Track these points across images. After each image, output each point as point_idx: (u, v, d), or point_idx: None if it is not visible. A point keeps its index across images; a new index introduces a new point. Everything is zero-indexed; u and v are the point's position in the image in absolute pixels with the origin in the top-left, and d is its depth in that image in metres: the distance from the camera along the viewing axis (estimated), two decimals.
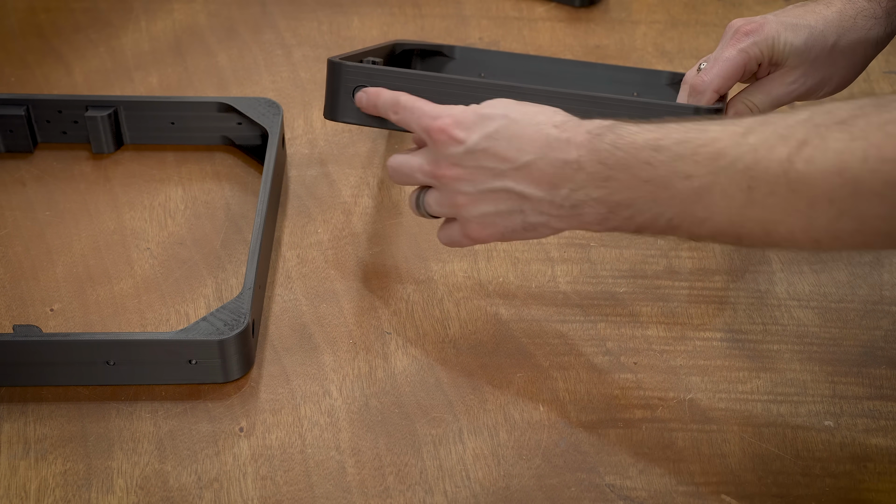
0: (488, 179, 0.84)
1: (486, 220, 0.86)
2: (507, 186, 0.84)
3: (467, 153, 0.85)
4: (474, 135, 0.84)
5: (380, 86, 0.92)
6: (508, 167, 0.84)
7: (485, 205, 0.85)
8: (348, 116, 0.94)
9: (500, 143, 0.84)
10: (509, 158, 0.84)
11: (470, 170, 0.85)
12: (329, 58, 0.95)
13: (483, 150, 0.84)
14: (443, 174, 0.86)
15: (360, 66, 0.93)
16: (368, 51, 1.02)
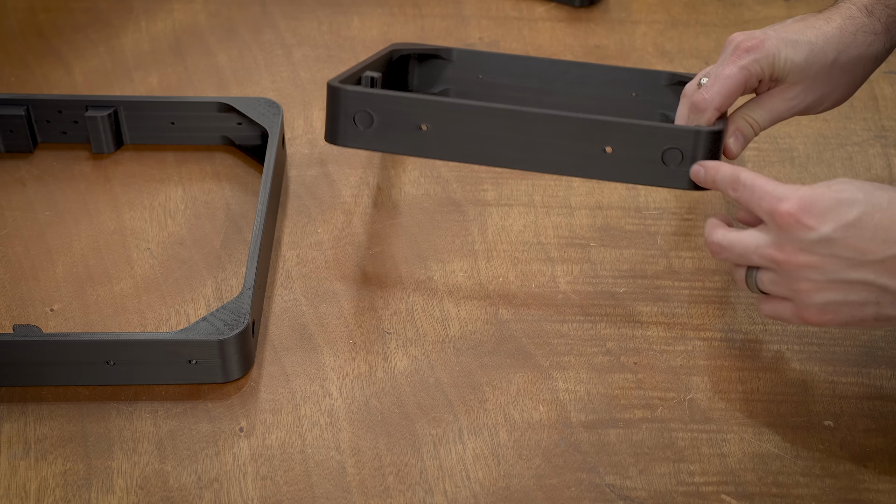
0: (842, 270, 0.79)
1: (830, 308, 0.80)
2: (866, 279, 0.78)
3: (820, 242, 0.79)
4: (829, 223, 0.79)
5: (383, 110, 0.90)
6: (871, 259, 0.78)
7: (832, 293, 0.80)
8: (350, 141, 0.92)
9: (863, 234, 0.78)
10: (872, 251, 0.78)
11: (821, 258, 0.79)
12: (328, 81, 0.94)
13: (840, 240, 0.78)
14: (787, 260, 0.80)
15: (361, 91, 0.91)
16: (367, 64, 1.01)
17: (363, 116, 0.91)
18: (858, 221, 0.78)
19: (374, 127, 0.91)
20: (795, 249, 0.80)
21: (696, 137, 0.89)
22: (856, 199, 0.79)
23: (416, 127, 0.91)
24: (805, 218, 0.79)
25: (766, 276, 0.83)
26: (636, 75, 1.07)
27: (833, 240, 0.79)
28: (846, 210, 0.79)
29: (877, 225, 0.78)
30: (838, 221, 0.78)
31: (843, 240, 0.78)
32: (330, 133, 0.94)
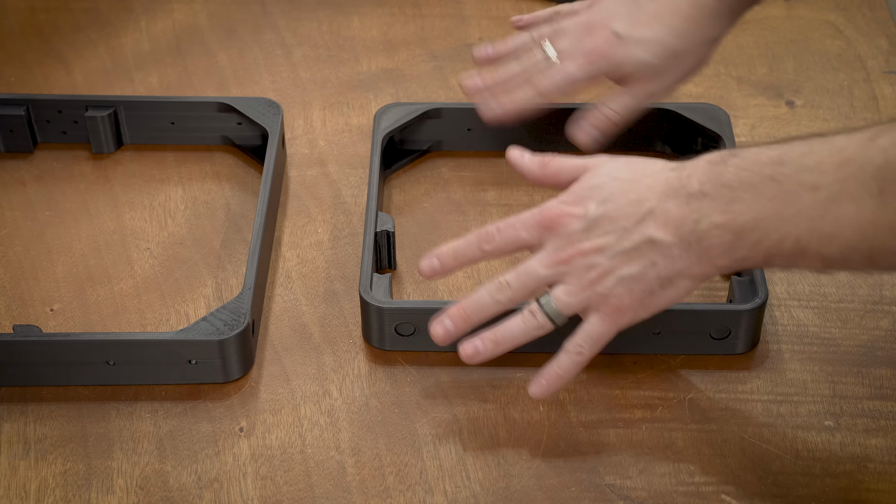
0: (617, 242, 0.82)
1: (623, 289, 0.82)
2: (636, 241, 0.81)
3: (589, 225, 0.82)
4: (590, 205, 0.83)
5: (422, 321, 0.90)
6: (634, 222, 0.81)
7: (619, 270, 0.82)
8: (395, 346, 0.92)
9: (619, 202, 0.82)
10: (632, 213, 0.81)
11: (597, 239, 0.82)
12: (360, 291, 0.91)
13: (603, 216, 0.82)
14: (569, 254, 0.83)
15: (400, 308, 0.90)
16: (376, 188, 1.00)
17: (405, 327, 0.91)
18: (612, 194, 0.83)
19: (415, 334, 0.92)
20: (573, 243, 0.83)
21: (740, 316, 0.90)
22: (603, 180, 0.84)
23: None
24: (570, 209, 0.83)
25: (561, 290, 0.84)
26: None
27: (598, 218, 0.82)
28: (599, 190, 0.83)
29: (627, 190, 0.82)
30: (596, 200, 0.83)
31: (606, 215, 0.82)
32: (377, 340, 0.93)
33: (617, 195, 0.83)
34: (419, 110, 1.07)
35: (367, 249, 0.94)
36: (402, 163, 1.08)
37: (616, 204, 0.82)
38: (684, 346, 0.92)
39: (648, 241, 0.81)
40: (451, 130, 1.09)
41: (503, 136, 1.09)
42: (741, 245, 0.78)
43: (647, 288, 0.82)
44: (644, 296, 0.83)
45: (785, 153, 0.77)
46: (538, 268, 0.84)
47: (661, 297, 0.83)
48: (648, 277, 0.82)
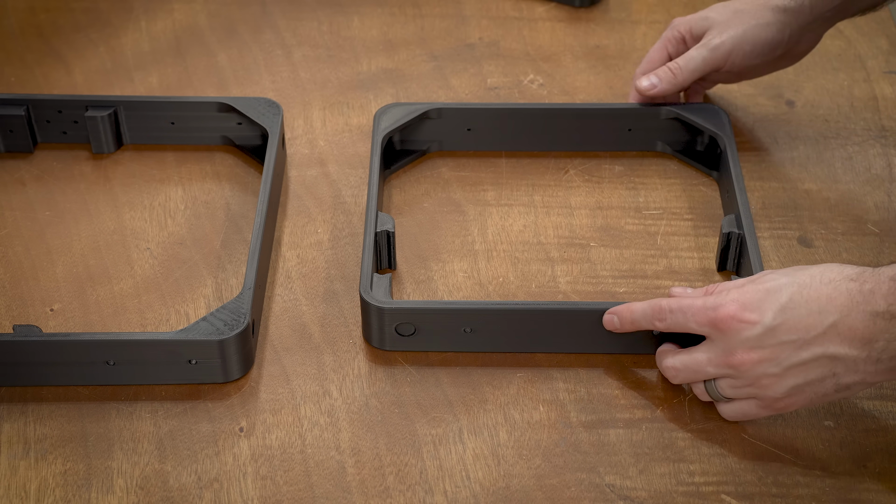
0: (793, 353, 0.81)
1: (794, 392, 0.82)
2: (816, 354, 0.80)
3: (765, 333, 0.81)
4: (767, 313, 0.81)
5: (423, 320, 0.90)
6: (814, 334, 0.80)
7: (792, 379, 0.81)
8: (395, 346, 0.92)
9: (799, 312, 0.81)
10: (812, 325, 0.80)
11: (770, 349, 0.81)
12: (360, 291, 0.91)
13: (781, 325, 0.81)
14: (741, 362, 0.82)
15: (401, 308, 0.91)
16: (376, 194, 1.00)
17: (405, 327, 0.91)
18: (791, 303, 0.81)
19: (415, 334, 0.92)
20: (746, 349, 0.82)
21: None
22: (782, 284, 0.82)
23: (459, 330, 0.91)
24: (744, 316, 0.82)
25: (726, 382, 0.85)
26: (631, 112, 1.07)
27: (775, 327, 0.81)
28: (776, 296, 0.81)
29: (808, 300, 0.81)
30: (774, 308, 0.81)
31: (784, 324, 0.81)
32: (377, 340, 0.93)
33: (797, 304, 0.81)
34: (419, 110, 1.07)
35: (367, 249, 0.94)
36: (402, 163, 1.08)
37: (795, 313, 0.81)
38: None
39: (829, 356, 0.80)
40: (451, 130, 1.09)
41: (503, 136, 1.09)
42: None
43: (821, 392, 0.82)
44: (816, 397, 0.83)
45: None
46: (706, 366, 0.85)
47: (834, 398, 0.83)
48: (825, 386, 0.82)
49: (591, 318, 0.90)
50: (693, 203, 1.05)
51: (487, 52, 1.22)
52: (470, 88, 1.17)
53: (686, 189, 1.06)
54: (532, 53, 1.21)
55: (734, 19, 1.03)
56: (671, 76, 1.05)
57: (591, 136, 1.09)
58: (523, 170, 1.08)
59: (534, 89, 1.17)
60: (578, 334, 0.91)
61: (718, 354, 0.83)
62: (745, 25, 1.03)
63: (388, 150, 1.08)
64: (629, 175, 1.07)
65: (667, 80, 1.05)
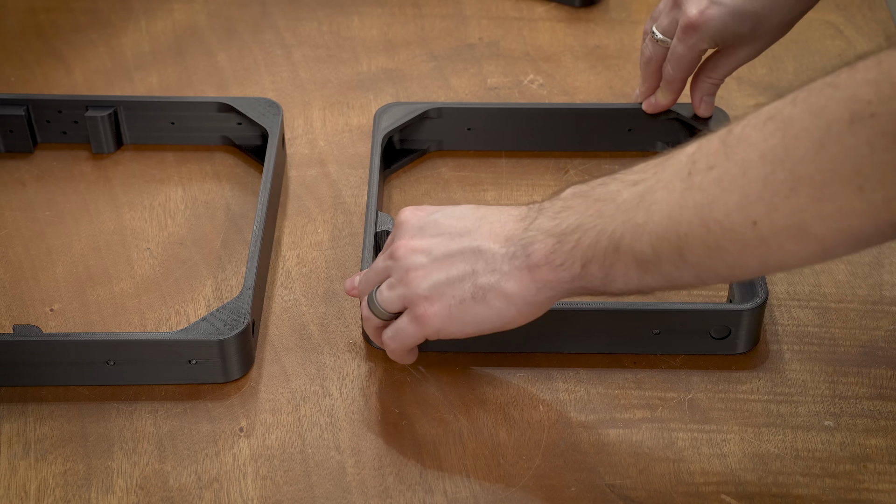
0: (444, 244, 0.83)
1: (436, 292, 0.82)
2: (464, 246, 0.82)
3: (427, 224, 0.84)
4: (437, 212, 0.85)
5: None
6: (469, 228, 0.83)
7: (437, 273, 0.82)
8: None
9: (460, 213, 0.84)
10: (469, 222, 0.83)
11: (427, 239, 0.84)
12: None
13: (440, 219, 0.84)
14: (397, 247, 0.84)
15: None
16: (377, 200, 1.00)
17: None
18: (455, 210, 0.85)
19: None
20: (406, 238, 0.85)
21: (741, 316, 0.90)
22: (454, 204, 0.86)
23: None
24: (417, 211, 0.86)
25: (385, 284, 0.85)
26: (630, 112, 1.07)
27: (436, 220, 0.84)
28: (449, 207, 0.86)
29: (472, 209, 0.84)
30: (443, 210, 0.85)
31: (443, 219, 0.84)
32: None
33: (461, 210, 0.85)
34: (419, 110, 1.07)
35: (367, 249, 0.94)
36: (402, 163, 1.08)
37: (459, 213, 0.84)
38: (684, 345, 0.92)
39: (475, 248, 0.82)
40: (451, 130, 1.09)
41: (503, 136, 1.09)
42: (561, 248, 0.78)
43: (459, 295, 0.81)
44: (453, 303, 0.82)
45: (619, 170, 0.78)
46: (378, 261, 0.87)
47: (471, 311, 0.82)
48: (463, 285, 0.81)
49: (591, 318, 0.90)
50: None
51: (487, 52, 1.22)
52: (470, 88, 1.17)
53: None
54: (532, 53, 1.21)
55: None
56: (670, 92, 1.04)
57: (591, 136, 1.09)
58: (523, 170, 1.08)
59: (534, 89, 1.17)
60: (578, 334, 0.91)
61: (386, 247, 0.87)
62: None
63: (388, 149, 1.08)
64: None
65: (668, 97, 1.05)
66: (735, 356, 0.92)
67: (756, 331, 0.91)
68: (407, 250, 0.84)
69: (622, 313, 0.90)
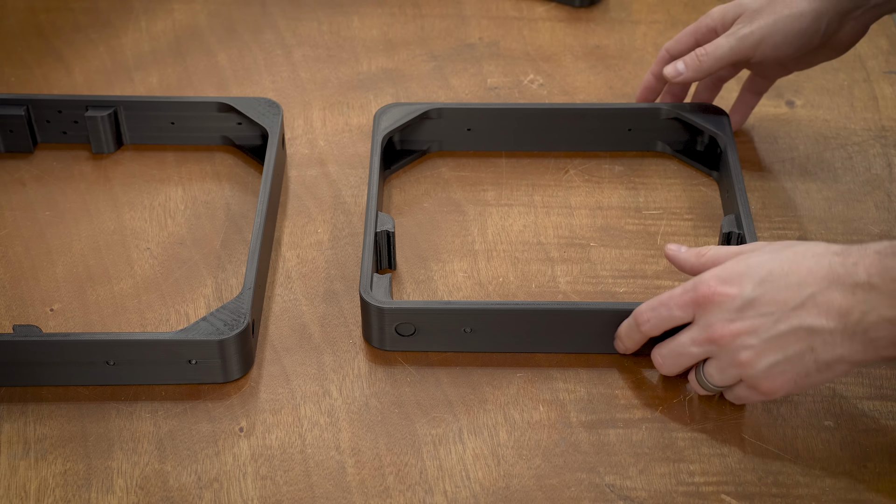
0: (772, 326, 0.80)
1: (776, 371, 0.81)
2: (793, 326, 0.80)
3: (745, 305, 0.81)
4: (747, 286, 0.81)
5: (423, 320, 0.91)
6: (792, 306, 0.80)
7: (771, 354, 0.81)
8: (395, 346, 0.92)
9: (778, 284, 0.81)
10: (790, 297, 0.80)
11: (749, 321, 0.81)
12: (360, 291, 0.91)
13: (760, 297, 0.81)
14: (720, 334, 0.82)
15: (402, 308, 0.91)
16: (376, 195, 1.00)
17: (405, 327, 0.91)
18: (770, 275, 0.81)
19: (415, 334, 0.92)
20: (725, 322, 0.82)
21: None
22: (762, 259, 0.82)
23: (459, 330, 0.91)
24: (723, 289, 0.82)
25: (711, 364, 0.85)
26: (631, 112, 1.07)
27: (754, 299, 0.81)
28: (757, 270, 0.82)
29: (788, 273, 0.81)
30: (754, 281, 0.81)
31: (763, 296, 0.81)
32: (377, 340, 0.93)
33: (776, 277, 0.81)
34: (419, 110, 1.07)
35: (367, 249, 0.94)
36: (402, 163, 1.08)
37: (774, 286, 0.81)
38: None
39: (807, 328, 0.80)
40: (451, 130, 1.09)
41: (503, 136, 1.09)
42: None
43: (803, 371, 0.81)
44: (798, 378, 0.82)
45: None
46: (690, 346, 0.85)
47: (817, 379, 0.82)
48: (805, 362, 0.81)
49: (591, 318, 0.90)
50: (693, 203, 1.05)
51: (487, 52, 1.22)
52: (470, 88, 1.17)
53: (686, 189, 1.06)
54: (532, 53, 1.21)
55: (767, 8, 0.99)
56: (697, 63, 1.02)
57: (591, 136, 1.09)
58: (523, 170, 1.08)
59: (534, 89, 1.17)
60: (578, 334, 0.91)
61: (699, 331, 0.84)
62: (776, 15, 0.99)
63: (388, 150, 1.08)
64: (629, 175, 1.07)
65: (693, 67, 1.02)
66: None
67: None
68: (731, 336, 0.82)
69: (622, 313, 0.90)
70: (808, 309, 0.80)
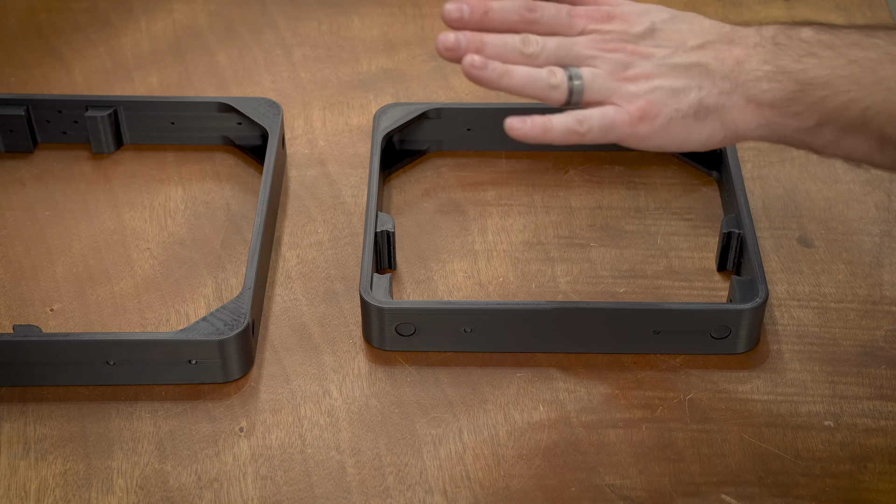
0: (668, 56, 0.79)
1: (655, 96, 0.77)
2: (690, 61, 0.78)
3: (648, 32, 0.80)
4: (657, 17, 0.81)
5: (423, 320, 0.90)
6: (692, 46, 0.79)
7: (660, 79, 0.78)
8: (394, 346, 0.92)
9: (681, 26, 0.80)
10: (692, 39, 0.79)
11: (649, 47, 0.79)
12: (360, 291, 0.91)
13: (665, 30, 0.80)
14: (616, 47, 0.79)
15: (401, 308, 0.90)
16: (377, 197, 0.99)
17: (405, 327, 0.91)
18: (676, 17, 0.81)
19: (415, 334, 0.92)
20: (623, 41, 0.80)
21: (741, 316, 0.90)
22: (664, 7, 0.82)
23: (459, 330, 0.91)
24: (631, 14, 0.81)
25: (589, 69, 0.79)
26: None
27: (656, 30, 0.80)
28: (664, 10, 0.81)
29: (691, 21, 0.80)
30: (660, 17, 0.81)
31: (665, 31, 0.80)
32: (377, 340, 0.93)
33: (681, 20, 0.80)
34: (419, 110, 1.07)
35: (367, 249, 0.94)
36: (402, 163, 1.08)
37: (678, 27, 0.80)
38: (684, 345, 0.92)
39: (702, 65, 0.78)
40: (451, 130, 1.09)
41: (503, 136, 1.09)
42: (801, 99, 0.75)
43: (682, 108, 0.78)
44: (674, 114, 0.78)
45: (875, 29, 0.74)
46: (578, 43, 0.80)
47: (686, 127, 0.78)
48: (688, 98, 0.78)
49: (591, 318, 0.90)
50: (693, 203, 1.05)
51: None
52: (470, 88, 1.17)
53: (686, 189, 1.06)
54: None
55: None
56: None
57: None
58: (523, 170, 1.08)
59: None
60: (578, 334, 0.91)
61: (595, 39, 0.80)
62: None
63: (388, 150, 1.08)
64: (629, 175, 1.07)
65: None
66: (735, 356, 0.92)
67: (756, 331, 0.91)
68: (626, 52, 0.79)
69: (622, 313, 0.90)
70: (707, 50, 0.78)
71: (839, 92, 0.73)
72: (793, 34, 0.76)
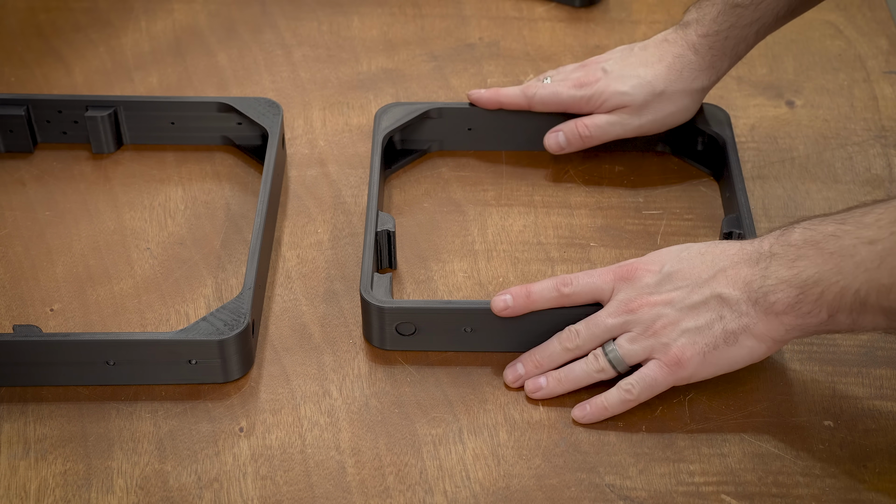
0: (686, 296, 0.86)
1: (687, 341, 0.85)
2: (706, 295, 0.85)
3: (662, 279, 0.87)
4: (666, 263, 0.88)
5: (424, 320, 0.91)
6: (705, 278, 0.86)
7: (685, 322, 0.85)
8: (395, 346, 0.92)
9: (692, 262, 0.87)
10: (704, 271, 0.86)
11: (666, 294, 0.86)
12: (363, 293, 0.91)
13: (677, 272, 0.87)
14: (637, 304, 0.87)
15: (402, 308, 0.91)
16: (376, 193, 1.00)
17: (405, 327, 0.91)
18: (686, 252, 0.88)
19: (415, 334, 0.92)
20: (644, 295, 0.87)
21: None
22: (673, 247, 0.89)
23: (460, 330, 0.92)
24: (645, 265, 0.88)
25: (624, 336, 0.88)
26: None
27: (671, 273, 0.87)
28: (674, 251, 0.89)
29: (702, 252, 0.87)
30: (672, 259, 0.88)
31: (679, 271, 0.87)
32: (377, 340, 0.93)
33: (692, 255, 0.87)
34: (419, 110, 1.07)
35: (367, 249, 0.94)
36: (402, 163, 1.08)
37: (690, 262, 0.87)
38: None
39: (717, 296, 0.85)
40: (451, 130, 1.09)
41: (503, 136, 1.09)
42: (805, 299, 0.81)
43: (711, 341, 0.85)
44: (707, 349, 0.85)
45: (848, 215, 0.81)
46: (606, 318, 0.88)
47: (725, 354, 0.85)
48: (714, 331, 0.85)
49: None
50: (693, 203, 1.05)
51: (487, 52, 1.22)
52: (470, 88, 1.17)
53: (686, 189, 1.06)
54: (532, 53, 1.21)
55: (654, 104, 1.03)
56: (580, 141, 1.05)
57: None
58: (523, 170, 1.08)
59: None
60: None
61: (618, 303, 0.88)
62: (664, 112, 1.03)
63: (389, 149, 1.08)
64: (629, 175, 1.07)
65: (575, 144, 1.05)
66: None
67: None
68: (648, 305, 0.87)
69: None
70: (719, 279, 0.85)
71: (830, 284, 0.80)
72: (784, 240, 0.84)
